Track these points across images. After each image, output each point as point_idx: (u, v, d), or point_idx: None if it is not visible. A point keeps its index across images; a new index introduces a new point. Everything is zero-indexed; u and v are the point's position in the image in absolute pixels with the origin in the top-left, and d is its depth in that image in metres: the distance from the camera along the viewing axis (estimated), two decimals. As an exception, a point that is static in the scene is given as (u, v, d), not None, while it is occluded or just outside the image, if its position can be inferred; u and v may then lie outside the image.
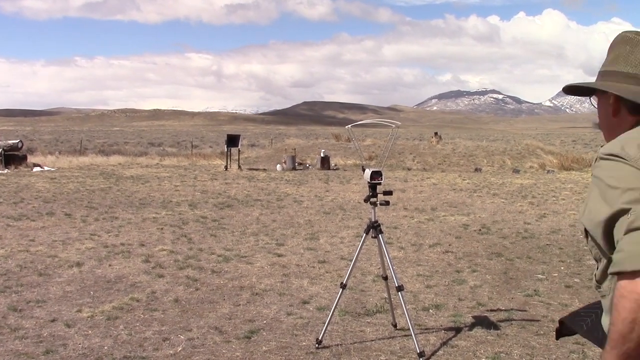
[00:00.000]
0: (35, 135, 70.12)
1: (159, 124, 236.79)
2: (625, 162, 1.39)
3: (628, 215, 1.29)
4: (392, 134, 5.65)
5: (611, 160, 1.42)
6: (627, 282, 1.25)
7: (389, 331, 4.69)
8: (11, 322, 4.77)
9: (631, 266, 1.24)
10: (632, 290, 1.24)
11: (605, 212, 1.35)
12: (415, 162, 24.03)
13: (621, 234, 1.30)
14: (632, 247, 1.25)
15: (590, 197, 1.43)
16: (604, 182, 1.40)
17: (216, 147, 36.37)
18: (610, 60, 1.59)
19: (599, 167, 1.45)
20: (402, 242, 8.29)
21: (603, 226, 1.36)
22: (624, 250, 1.27)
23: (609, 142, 1.49)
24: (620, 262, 1.27)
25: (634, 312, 1.24)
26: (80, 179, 16.62)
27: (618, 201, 1.33)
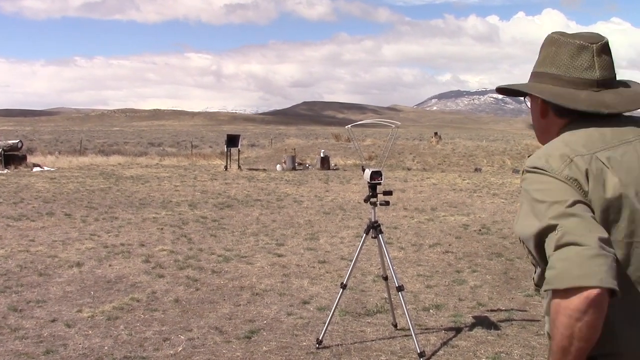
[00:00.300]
0: (35, 135, 70.12)
1: (158, 124, 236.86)
2: (549, 175, 1.39)
3: (556, 231, 1.29)
4: (392, 134, 5.66)
5: (536, 173, 1.42)
6: (560, 299, 1.26)
7: (389, 331, 4.69)
8: (11, 322, 4.77)
9: (563, 284, 1.24)
10: (567, 307, 1.25)
11: (535, 226, 1.34)
12: (415, 162, 24.04)
13: (551, 250, 1.30)
14: (561, 265, 1.26)
15: (521, 210, 1.43)
16: (531, 195, 1.40)
17: (216, 147, 36.37)
18: (539, 61, 1.59)
19: (525, 179, 1.45)
20: (402, 242, 8.29)
21: (534, 240, 1.36)
22: (555, 268, 1.27)
23: (535, 152, 1.49)
24: (552, 280, 1.27)
25: (570, 328, 1.25)
26: (80, 179, 16.62)
27: (546, 216, 1.32)
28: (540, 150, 1.48)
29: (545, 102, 1.53)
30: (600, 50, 1.50)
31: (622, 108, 1.48)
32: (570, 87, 1.50)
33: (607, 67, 1.50)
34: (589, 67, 1.49)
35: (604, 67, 1.50)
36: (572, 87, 1.50)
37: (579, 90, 1.49)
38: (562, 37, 1.54)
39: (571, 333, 1.26)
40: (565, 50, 1.52)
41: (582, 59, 1.49)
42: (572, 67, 1.50)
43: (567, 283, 1.24)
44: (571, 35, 1.53)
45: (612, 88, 1.51)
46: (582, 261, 1.24)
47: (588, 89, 1.49)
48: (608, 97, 1.48)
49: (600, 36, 1.53)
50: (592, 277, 1.22)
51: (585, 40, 1.50)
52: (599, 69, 1.49)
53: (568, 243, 1.27)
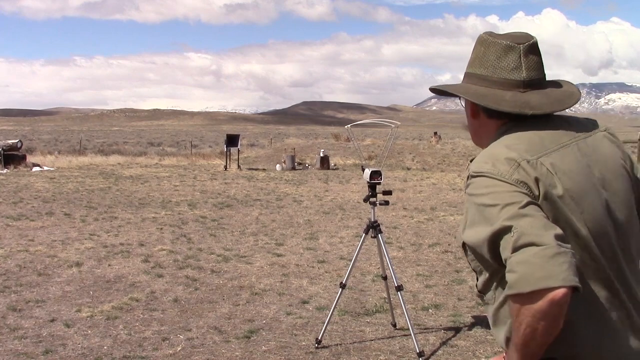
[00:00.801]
0: (35, 135, 70.10)
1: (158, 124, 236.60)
2: (497, 178, 1.38)
3: (511, 233, 1.27)
4: (391, 134, 5.66)
5: (483, 177, 1.40)
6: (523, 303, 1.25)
7: (388, 331, 4.69)
8: (10, 322, 4.77)
9: (526, 287, 1.23)
10: (530, 309, 1.24)
11: (487, 230, 1.32)
12: (415, 162, 24.03)
13: (508, 253, 1.27)
14: (522, 268, 1.24)
15: (468, 216, 1.41)
16: (479, 200, 1.38)
17: (215, 147, 36.36)
18: (469, 62, 1.57)
19: (472, 184, 1.43)
20: (402, 241, 8.29)
21: (487, 245, 1.34)
22: (515, 271, 1.25)
23: (477, 157, 1.47)
24: (514, 284, 1.25)
25: (533, 328, 1.25)
26: (79, 179, 16.62)
27: (499, 218, 1.30)
28: (484, 155, 1.46)
29: (474, 103, 1.52)
30: (527, 50, 1.48)
31: (548, 108, 1.47)
32: (497, 88, 1.48)
33: (535, 67, 1.48)
34: (516, 68, 1.47)
35: (531, 67, 1.48)
36: (499, 88, 1.48)
37: (504, 91, 1.47)
38: (490, 38, 1.52)
39: (534, 333, 1.26)
40: (493, 50, 1.50)
41: (509, 60, 1.48)
42: (499, 67, 1.49)
43: (530, 286, 1.22)
44: (499, 36, 1.52)
45: (541, 88, 1.49)
46: (543, 262, 1.22)
47: (514, 90, 1.47)
48: (534, 97, 1.46)
49: (529, 36, 1.51)
50: (555, 278, 1.21)
51: (512, 40, 1.49)
52: (525, 69, 1.47)
53: (526, 244, 1.25)
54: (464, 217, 1.45)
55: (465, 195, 1.44)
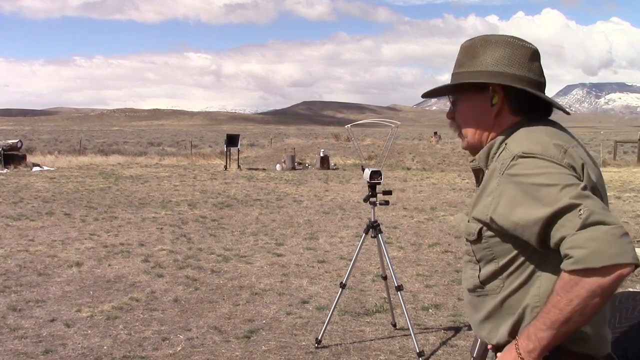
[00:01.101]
0: (35, 134, 70.10)
1: (158, 124, 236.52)
2: (550, 160, 1.41)
3: (579, 211, 1.30)
4: (391, 134, 5.66)
5: (535, 158, 1.42)
6: (588, 277, 1.28)
7: (388, 331, 4.70)
8: (10, 321, 4.77)
9: (598, 262, 1.26)
10: (593, 283, 1.28)
11: (546, 210, 1.33)
12: (415, 162, 24.03)
13: (571, 230, 1.30)
14: (594, 244, 1.27)
15: (510, 197, 1.41)
16: (531, 180, 1.39)
17: (215, 147, 36.36)
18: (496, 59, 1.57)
19: (518, 165, 1.43)
20: (402, 241, 8.29)
21: (543, 223, 1.34)
22: (586, 247, 1.27)
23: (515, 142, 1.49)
24: (584, 259, 1.27)
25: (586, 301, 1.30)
26: (79, 179, 16.62)
27: (562, 197, 1.32)
28: (528, 139, 1.48)
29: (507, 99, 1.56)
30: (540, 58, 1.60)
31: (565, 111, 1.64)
32: (532, 88, 1.55)
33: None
34: (540, 73, 1.58)
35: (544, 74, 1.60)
36: (533, 89, 1.55)
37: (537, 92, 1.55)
38: (518, 41, 1.58)
39: (584, 309, 1.30)
40: (522, 53, 1.56)
41: (536, 64, 1.58)
42: (531, 70, 1.56)
43: (603, 262, 1.26)
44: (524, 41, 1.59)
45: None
46: (614, 240, 1.27)
47: (540, 91, 1.56)
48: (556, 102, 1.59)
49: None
50: (626, 255, 1.26)
51: (533, 46, 1.59)
52: (543, 75, 1.59)
53: (595, 222, 1.28)
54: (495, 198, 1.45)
55: (502, 177, 1.45)
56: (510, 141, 1.50)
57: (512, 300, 1.49)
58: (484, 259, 1.53)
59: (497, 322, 1.53)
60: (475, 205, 1.55)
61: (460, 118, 1.64)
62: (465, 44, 1.65)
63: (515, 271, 1.48)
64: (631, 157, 28.69)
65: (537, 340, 1.37)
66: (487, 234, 1.49)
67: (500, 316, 1.52)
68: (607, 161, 24.21)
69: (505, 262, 1.49)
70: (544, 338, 1.36)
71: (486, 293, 1.55)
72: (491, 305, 1.53)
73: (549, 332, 1.35)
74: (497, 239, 1.48)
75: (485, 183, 1.53)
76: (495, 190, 1.46)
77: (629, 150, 32.81)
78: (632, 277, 6.09)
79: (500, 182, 1.45)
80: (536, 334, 1.37)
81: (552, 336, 1.35)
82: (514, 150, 1.46)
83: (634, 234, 8.83)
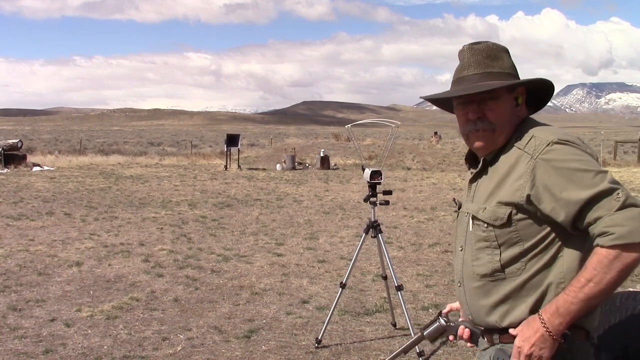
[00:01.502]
0: (35, 134, 70.11)
1: (158, 124, 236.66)
2: (582, 149, 1.55)
3: (618, 194, 1.46)
4: (391, 134, 5.66)
5: (569, 145, 1.55)
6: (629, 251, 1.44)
7: (388, 331, 4.70)
8: (11, 321, 4.77)
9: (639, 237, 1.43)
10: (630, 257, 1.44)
11: (585, 193, 1.47)
12: (415, 162, 24.04)
13: (608, 211, 1.45)
14: (634, 222, 1.43)
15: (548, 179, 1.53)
16: (569, 165, 1.52)
17: (216, 147, 36.36)
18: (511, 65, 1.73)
19: (555, 150, 1.54)
20: (402, 241, 8.29)
21: (582, 204, 1.48)
22: (625, 225, 1.43)
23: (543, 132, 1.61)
24: (626, 235, 1.43)
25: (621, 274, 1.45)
26: (79, 179, 16.62)
27: (600, 182, 1.48)
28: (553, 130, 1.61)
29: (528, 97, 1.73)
30: None
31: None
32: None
33: None
34: None
35: None
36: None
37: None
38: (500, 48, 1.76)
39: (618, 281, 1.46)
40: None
41: None
42: None
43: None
44: None
45: None
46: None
47: None
48: None
49: None
50: None
51: None
52: None
53: (632, 204, 1.45)
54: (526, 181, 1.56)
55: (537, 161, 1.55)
56: (534, 132, 1.62)
57: (534, 281, 1.59)
58: (507, 243, 1.61)
59: (513, 303, 1.62)
60: (495, 192, 1.63)
61: (498, 117, 1.68)
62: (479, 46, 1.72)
63: (540, 252, 1.59)
64: (631, 157, 28.68)
65: (567, 314, 1.49)
66: (517, 217, 1.58)
67: (519, 297, 1.61)
68: (607, 161, 24.18)
69: (531, 244, 1.59)
70: (574, 311, 1.49)
71: (504, 277, 1.63)
72: (509, 288, 1.62)
73: (581, 304, 1.48)
74: (528, 221, 1.58)
75: (507, 170, 1.62)
76: (527, 173, 1.56)
77: (629, 150, 32.80)
78: (632, 277, 6.10)
79: (534, 166, 1.55)
80: (567, 308, 1.49)
81: (584, 309, 1.49)
82: (548, 137, 1.57)
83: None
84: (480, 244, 1.66)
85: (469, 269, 1.71)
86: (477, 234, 1.67)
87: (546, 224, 1.56)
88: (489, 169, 1.71)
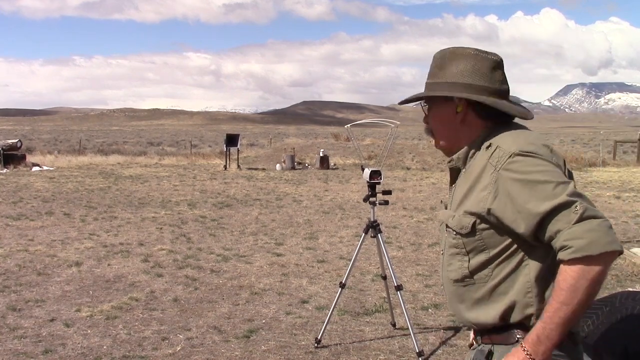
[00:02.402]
0: (34, 134, 70.07)
1: (158, 124, 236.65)
2: (544, 159, 1.54)
3: (575, 207, 1.44)
4: (391, 134, 5.66)
5: (531, 157, 1.54)
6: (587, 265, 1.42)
7: (388, 330, 4.70)
8: (10, 321, 4.77)
9: (597, 250, 1.41)
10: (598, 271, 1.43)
11: (543, 205, 1.46)
12: (415, 162, 24.03)
13: (567, 224, 1.44)
14: (591, 235, 1.42)
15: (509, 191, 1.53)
16: (530, 177, 1.51)
17: (215, 147, 36.35)
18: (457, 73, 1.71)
19: (517, 162, 1.54)
20: (401, 241, 8.30)
21: (541, 217, 1.47)
22: (584, 237, 1.42)
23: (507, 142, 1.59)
24: (584, 248, 1.41)
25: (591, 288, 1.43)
26: (79, 179, 16.62)
27: (559, 194, 1.46)
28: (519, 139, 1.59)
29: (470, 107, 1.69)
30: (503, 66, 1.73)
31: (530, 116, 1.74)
32: (495, 97, 1.68)
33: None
34: (503, 81, 1.71)
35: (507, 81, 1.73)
36: (496, 97, 1.68)
37: (500, 100, 1.68)
38: (481, 53, 1.71)
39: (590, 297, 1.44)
40: (486, 65, 1.69)
41: (498, 74, 1.70)
42: (493, 80, 1.69)
43: (600, 249, 1.41)
44: (487, 52, 1.72)
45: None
46: (607, 231, 1.44)
47: (503, 99, 1.69)
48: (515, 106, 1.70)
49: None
50: (616, 243, 1.44)
51: (495, 57, 1.71)
52: (506, 82, 1.72)
53: (590, 216, 1.44)
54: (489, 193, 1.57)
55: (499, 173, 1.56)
56: (499, 141, 1.61)
57: (502, 287, 1.60)
58: (474, 250, 1.63)
59: (485, 308, 1.64)
60: (464, 201, 1.66)
61: (433, 124, 1.79)
62: (436, 54, 1.78)
63: (505, 260, 1.60)
64: (631, 157, 28.68)
65: (548, 340, 1.47)
66: (481, 227, 1.60)
67: (489, 303, 1.63)
68: (606, 161, 24.19)
69: (497, 252, 1.60)
70: (555, 336, 1.46)
71: (474, 282, 1.65)
72: (479, 294, 1.64)
73: (560, 328, 1.46)
74: (491, 231, 1.59)
75: (474, 179, 1.63)
76: (490, 185, 1.57)
77: (629, 150, 32.80)
78: (632, 277, 6.10)
79: (497, 178, 1.56)
80: (547, 335, 1.47)
81: (564, 331, 1.46)
82: (510, 148, 1.57)
83: (633, 234, 8.83)
84: (452, 250, 1.70)
85: (445, 274, 1.77)
86: (449, 241, 1.71)
87: (507, 234, 1.57)
88: (462, 174, 1.75)
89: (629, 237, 8.56)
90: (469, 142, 1.71)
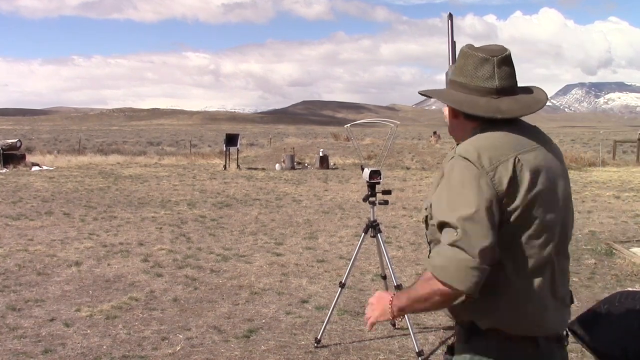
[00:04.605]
0: (34, 134, 70.05)
1: (157, 123, 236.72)
2: (477, 168, 1.60)
3: (457, 232, 1.54)
4: (391, 133, 5.66)
5: (467, 162, 1.61)
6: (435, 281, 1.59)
7: (387, 330, 4.70)
8: (10, 321, 4.77)
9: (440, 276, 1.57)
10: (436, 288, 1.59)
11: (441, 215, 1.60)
12: (414, 162, 24.03)
13: (445, 241, 1.57)
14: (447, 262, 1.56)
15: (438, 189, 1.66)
16: (452, 182, 1.61)
17: (215, 147, 36.33)
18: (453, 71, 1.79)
19: (452, 163, 1.65)
20: (401, 241, 8.30)
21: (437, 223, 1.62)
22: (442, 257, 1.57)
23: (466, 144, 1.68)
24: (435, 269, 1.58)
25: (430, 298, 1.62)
26: (78, 178, 16.61)
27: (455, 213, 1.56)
28: (473, 144, 1.66)
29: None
30: (500, 62, 1.71)
31: (518, 113, 1.70)
32: (474, 94, 1.71)
33: (507, 76, 1.71)
34: (490, 77, 1.70)
35: (503, 77, 1.71)
36: (475, 94, 1.71)
37: (479, 97, 1.70)
38: (470, 50, 1.75)
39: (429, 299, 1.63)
40: (471, 62, 1.73)
41: (484, 70, 1.71)
42: (476, 76, 1.72)
43: (443, 277, 1.56)
44: (478, 49, 1.75)
45: (513, 95, 1.72)
46: (462, 268, 1.53)
47: (487, 96, 1.70)
48: (505, 103, 1.70)
49: (503, 49, 1.74)
50: (462, 283, 1.54)
51: (488, 53, 1.72)
52: (498, 78, 1.70)
53: (459, 247, 1.53)
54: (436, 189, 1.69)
55: (443, 167, 1.67)
56: (463, 142, 1.70)
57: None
58: (433, 242, 1.74)
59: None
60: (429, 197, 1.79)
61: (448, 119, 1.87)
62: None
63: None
64: (630, 156, 28.69)
65: (402, 303, 1.72)
66: (430, 222, 1.71)
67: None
68: (606, 161, 24.19)
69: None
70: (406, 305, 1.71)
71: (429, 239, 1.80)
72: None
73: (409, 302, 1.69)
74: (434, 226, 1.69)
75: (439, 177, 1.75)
76: (434, 181, 1.72)
77: (628, 149, 32.81)
78: (631, 277, 6.10)
79: (442, 175, 1.68)
80: (402, 299, 1.72)
81: (410, 306, 1.70)
82: (458, 149, 1.66)
83: (633, 234, 8.83)
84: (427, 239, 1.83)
85: None
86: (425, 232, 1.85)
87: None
88: None
89: (628, 237, 8.56)
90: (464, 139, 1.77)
